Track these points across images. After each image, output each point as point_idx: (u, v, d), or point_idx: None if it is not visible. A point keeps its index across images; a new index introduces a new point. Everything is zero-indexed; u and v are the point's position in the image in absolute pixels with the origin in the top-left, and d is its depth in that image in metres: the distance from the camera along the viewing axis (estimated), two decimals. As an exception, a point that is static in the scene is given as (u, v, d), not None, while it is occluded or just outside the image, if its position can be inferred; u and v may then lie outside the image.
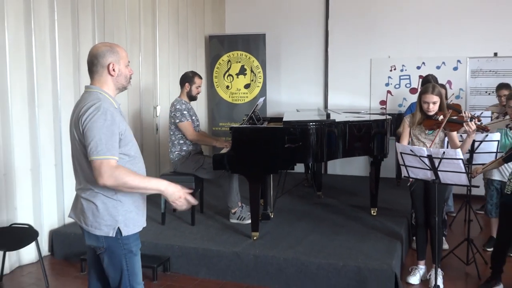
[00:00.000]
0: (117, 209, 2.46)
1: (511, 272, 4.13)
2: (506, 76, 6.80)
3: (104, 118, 2.35)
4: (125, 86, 2.64)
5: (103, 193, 2.44)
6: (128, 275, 2.51)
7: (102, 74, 2.52)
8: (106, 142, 2.32)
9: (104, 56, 2.50)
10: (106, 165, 2.31)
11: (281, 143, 4.49)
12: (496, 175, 4.75)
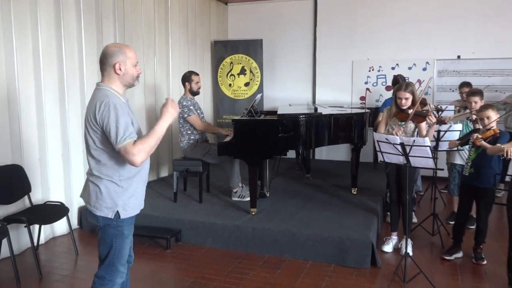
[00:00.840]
0: (119, 195, 2.37)
1: (469, 242, 4.13)
2: (468, 75, 6.77)
3: (115, 111, 2.26)
4: (132, 84, 2.48)
5: (108, 178, 2.36)
6: (115, 254, 2.40)
7: (110, 73, 2.40)
8: (123, 129, 2.25)
9: (112, 55, 2.38)
10: (129, 148, 2.23)
11: (275, 132, 4.48)
12: (458, 159, 4.75)
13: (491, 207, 3.99)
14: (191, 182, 5.70)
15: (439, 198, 5.34)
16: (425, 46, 7.07)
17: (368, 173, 6.45)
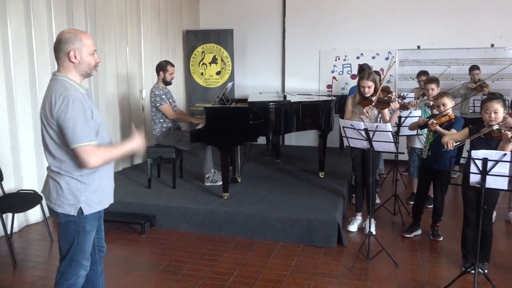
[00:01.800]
0: (81, 190, 2.18)
1: (427, 220, 4.25)
2: (427, 64, 6.91)
3: (75, 107, 2.06)
4: (89, 73, 2.25)
5: (69, 175, 2.17)
6: (77, 250, 2.24)
7: (65, 61, 2.16)
8: (81, 129, 2.06)
9: (66, 42, 2.13)
10: (87, 150, 2.08)
11: (246, 120, 4.45)
12: (417, 143, 4.85)
13: (447, 188, 4.11)
14: (164, 168, 5.63)
15: (400, 180, 5.45)
16: (387, 36, 7.16)
17: (335, 157, 6.52)
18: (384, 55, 7.23)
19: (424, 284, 3.25)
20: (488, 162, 2.85)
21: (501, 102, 3.21)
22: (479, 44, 6.75)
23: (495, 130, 3.09)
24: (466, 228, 3.47)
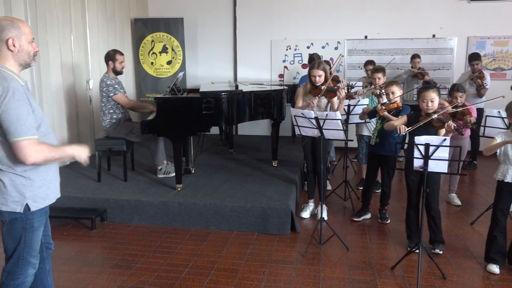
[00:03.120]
0: (26, 186, 2.09)
1: (375, 204, 4.42)
2: (374, 54, 7.14)
3: (16, 99, 1.96)
4: (28, 63, 2.14)
5: (11, 171, 2.07)
6: (24, 247, 2.14)
7: (2, 49, 2.05)
8: (24, 123, 1.97)
9: (3, 30, 2.02)
10: (29, 144, 1.98)
11: (198, 110, 4.41)
12: (365, 131, 5.01)
13: (393, 173, 4.29)
14: (115, 161, 5.47)
15: (350, 167, 5.62)
16: (336, 26, 7.31)
17: (287, 146, 6.62)
18: (333, 44, 7.38)
19: (373, 265, 3.39)
20: (430, 147, 3.00)
21: (437, 91, 3.40)
22: (422, 34, 7.05)
23: (436, 120, 3.27)
24: (410, 210, 3.64)
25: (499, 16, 6.78)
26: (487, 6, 6.79)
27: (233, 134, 6.96)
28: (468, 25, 6.89)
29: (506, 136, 3.22)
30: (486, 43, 6.92)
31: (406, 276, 3.22)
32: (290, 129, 7.08)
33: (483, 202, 4.75)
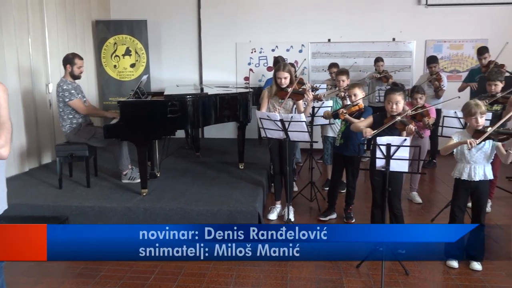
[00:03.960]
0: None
1: (341, 204, 4.50)
2: (337, 57, 7.27)
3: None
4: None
5: None
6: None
7: None
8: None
9: None
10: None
11: (163, 113, 4.36)
12: (330, 132, 5.09)
13: (358, 173, 4.39)
14: (77, 167, 5.31)
15: (315, 168, 5.69)
16: (300, 30, 7.40)
17: (254, 148, 6.63)
18: (297, 47, 7.48)
19: (339, 264, 3.44)
20: (391, 147, 3.09)
21: (402, 94, 3.50)
22: (383, 38, 7.25)
23: (399, 122, 3.38)
24: (375, 209, 3.72)
25: (455, 21, 7.07)
26: (443, 11, 7.07)
27: (199, 137, 6.91)
28: (425, 29, 7.14)
29: (462, 135, 3.36)
30: (442, 47, 7.20)
31: (371, 274, 3.30)
32: (257, 131, 7.10)
33: (442, 199, 4.92)
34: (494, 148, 3.26)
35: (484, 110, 3.25)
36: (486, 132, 3.13)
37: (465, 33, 7.10)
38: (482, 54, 5.58)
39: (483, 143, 3.24)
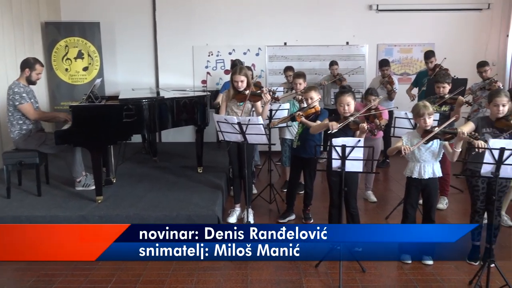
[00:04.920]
0: None
1: (299, 205, 4.56)
2: (293, 60, 7.37)
3: None
4: None
5: None
6: None
7: None
8: None
9: None
10: None
11: (118, 117, 4.26)
12: (287, 135, 5.16)
13: (315, 174, 4.47)
14: (27, 175, 5.06)
15: (274, 170, 5.75)
16: (257, 33, 7.44)
17: (213, 152, 6.59)
18: (254, 51, 7.52)
19: (299, 264, 3.49)
20: (346, 148, 3.17)
21: (352, 95, 3.62)
22: (337, 42, 7.43)
23: (352, 122, 3.48)
24: (332, 209, 3.81)
25: (404, 26, 7.36)
26: (393, 16, 7.34)
27: (157, 142, 6.79)
28: (377, 34, 7.39)
29: (412, 135, 3.51)
30: (393, 50, 7.48)
31: (329, 273, 3.37)
32: (215, 134, 7.06)
33: (396, 197, 5.10)
34: (442, 147, 3.43)
35: (431, 111, 3.41)
36: (433, 131, 3.28)
37: (413, 37, 7.41)
38: (429, 58, 5.84)
39: (431, 142, 3.39)
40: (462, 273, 3.35)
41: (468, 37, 7.27)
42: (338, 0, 7.32)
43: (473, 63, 5.57)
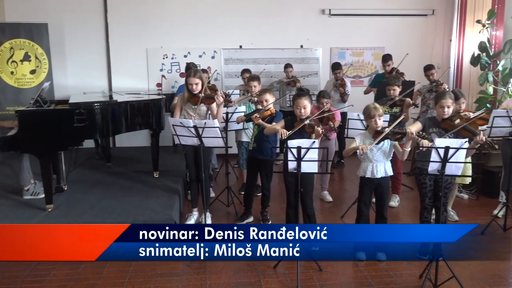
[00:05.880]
0: None
1: (257, 207, 4.58)
2: (249, 63, 7.40)
3: None
4: None
5: None
6: None
7: None
8: None
9: None
10: None
11: (68, 122, 4.11)
12: (244, 137, 5.17)
13: (271, 176, 4.50)
14: (-31, 184, 4.78)
15: (231, 173, 5.74)
16: (212, 36, 7.42)
17: (169, 156, 6.49)
18: (210, 54, 7.49)
19: (257, 266, 3.50)
20: (301, 149, 3.22)
21: (309, 98, 3.69)
22: (291, 45, 7.54)
23: (308, 125, 3.54)
24: (289, 210, 3.85)
25: (355, 30, 7.58)
26: (345, 21, 7.55)
27: (110, 147, 6.59)
28: (330, 37, 7.57)
29: (364, 136, 3.62)
30: (345, 54, 7.69)
31: (287, 273, 3.40)
32: (171, 138, 6.95)
33: (350, 197, 5.23)
34: (392, 146, 3.56)
35: (381, 113, 3.53)
36: (384, 132, 3.41)
37: (364, 41, 7.65)
38: (386, 61, 6.07)
39: (382, 142, 3.51)
40: (413, 268, 3.49)
41: (415, 41, 7.61)
42: (292, 4, 7.44)
43: (420, 66, 5.83)
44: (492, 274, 3.40)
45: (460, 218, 4.55)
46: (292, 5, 7.44)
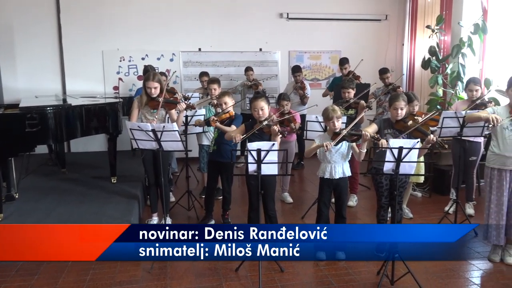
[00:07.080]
0: None
1: (218, 210, 4.56)
2: (208, 66, 7.37)
3: None
4: None
5: None
6: None
7: None
8: None
9: None
10: None
11: (19, 127, 3.93)
12: (205, 140, 5.13)
13: (232, 178, 4.49)
14: None
15: (192, 176, 5.69)
16: (171, 38, 7.33)
17: (127, 160, 6.35)
18: (168, 56, 7.40)
19: (219, 270, 3.49)
20: (261, 152, 3.24)
21: (265, 100, 3.72)
22: (250, 48, 7.58)
23: (265, 126, 3.57)
24: (251, 212, 3.86)
25: (313, 34, 7.73)
26: (302, 25, 7.68)
27: (65, 152, 6.36)
28: (288, 41, 7.67)
29: (323, 138, 3.69)
30: (304, 57, 7.82)
31: (249, 275, 3.41)
32: (129, 142, 6.80)
33: (310, 197, 5.32)
34: (350, 148, 3.65)
35: (339, 115, 3.62)
36: (342, 133, 3.49)
37: (322, 45, 7.82)
38: (343, 65, 6.22)
39: (340, 144, 3.60)
40: (371, 265, 3.59)
41: (370, 45, 7.85)
42: (251, 8, 7.49)
43: (375, 69, 6.03)
44: (445, 268, 3.56)
45: (415, 215, 4.73)
46: (250, 9, 7.49)
